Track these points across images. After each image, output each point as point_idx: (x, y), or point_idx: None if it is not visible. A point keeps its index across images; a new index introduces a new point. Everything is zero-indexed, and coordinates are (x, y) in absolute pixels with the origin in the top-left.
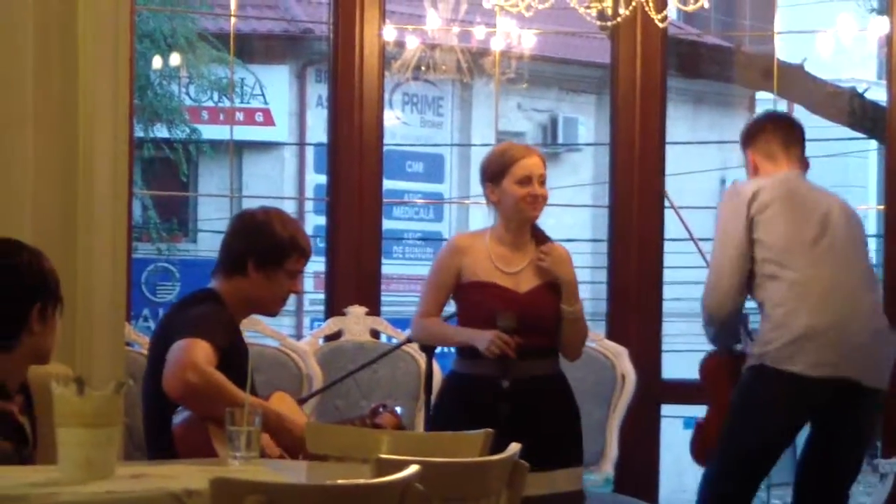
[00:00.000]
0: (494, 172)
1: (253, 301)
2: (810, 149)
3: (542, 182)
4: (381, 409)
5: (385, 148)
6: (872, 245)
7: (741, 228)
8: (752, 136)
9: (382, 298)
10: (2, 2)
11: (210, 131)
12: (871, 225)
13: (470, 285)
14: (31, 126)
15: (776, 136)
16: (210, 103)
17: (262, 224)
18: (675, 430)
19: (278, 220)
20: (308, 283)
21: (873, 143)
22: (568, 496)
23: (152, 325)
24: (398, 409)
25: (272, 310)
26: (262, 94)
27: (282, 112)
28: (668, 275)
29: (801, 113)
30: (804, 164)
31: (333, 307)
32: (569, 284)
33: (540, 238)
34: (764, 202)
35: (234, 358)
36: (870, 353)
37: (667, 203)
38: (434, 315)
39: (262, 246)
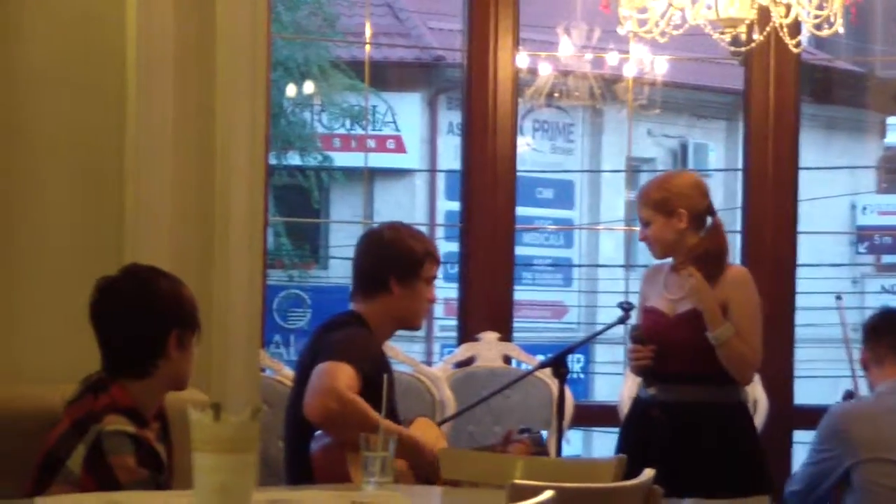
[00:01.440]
0: None
1: (398, 317)
2: None
3: (646, 223)
4: (514, 437)
5: (517, 174)
6: None
7: None
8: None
9: (514, 324)
10: (142, 33)
11: (342, 158)
12: None
13: (643, 310)
14: (169, 153)
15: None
16: (342, 131)
17: (395, 239)
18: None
19: (406, 232)
20: (438, 310)
21: None
22: None
23: (284, 351)
24: (544, 434)
25: (417, 322)
26: (394, 122)
27: (413, 139)
28: (800, 300)
29: None
30: None
31: (465, 333)
32: (705, 312)
33: (706, 259)
34: None
35: (378, 381)
36: None
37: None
38: None
39: (401, 260)
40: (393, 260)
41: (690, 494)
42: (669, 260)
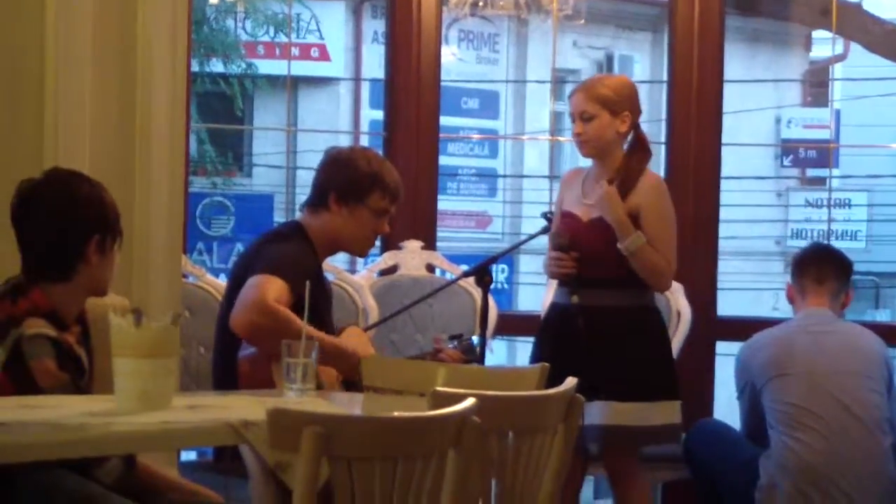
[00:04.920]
0: None
1: (337, 238)
2: (869, 87)
3: (585, 119)
4: (444, 346)
5: (441, 84)
6: None
7: None
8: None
9: (438, 234)
10: None
11: (265, 66)
12: None
13: (561, 215)
14: (89, 60)
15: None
16: (266, 38)
17: (347, 159)
18: (729, 367)
19: (364, 156)
20: None
21: None
22: (661, 430)
23: (207, 258)
24: (474, 340)
25: (356, 249)
26: (318, 30)
27: (337, 47)
28: (724, 213)
29: (858, 51)
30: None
31: (389, 242)
32: (613, 223)
33: (626, 166)
34: None
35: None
36: None
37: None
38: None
39: (345, 180)
40: (338, 178)
41: (605, 398)
42: (589, 163)
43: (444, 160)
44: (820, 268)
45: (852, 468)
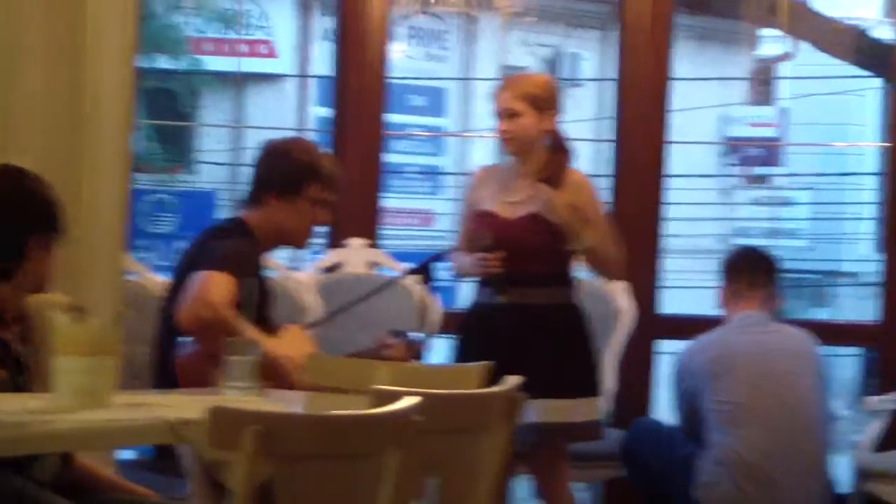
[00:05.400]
0: None
1: (278, 231)
2: (815, 85)
3: (511, 116)
4: (388, 341)
5: (389, 81)
6: (870, 183)
7: None
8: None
9: (382, 232)
10: None
11: (214, 63)
12: (871, 163)
13: (475, 214)
14: (38, 55)
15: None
16: (214, 35)
17: (283, 152)
18: (669, 365)
19: (300, 147)
20: None
21: (875, 82)
22: (582, 426)
23: (150, 255)
24: (418, 337)
25: (298, 241)
26: (267, 27)
27: (286, 44)
28: (667, 211)
29: (805, 50)
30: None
31: (333, 239)
32: (567, 224)
33: (552, 165)
34: None
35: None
36: None
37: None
38: (465, 248)
39: (282, 173)
40: (275, 171)
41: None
42: (505, 162)
43: (389, 157)
44: (753, 272)
45: (792, 464)
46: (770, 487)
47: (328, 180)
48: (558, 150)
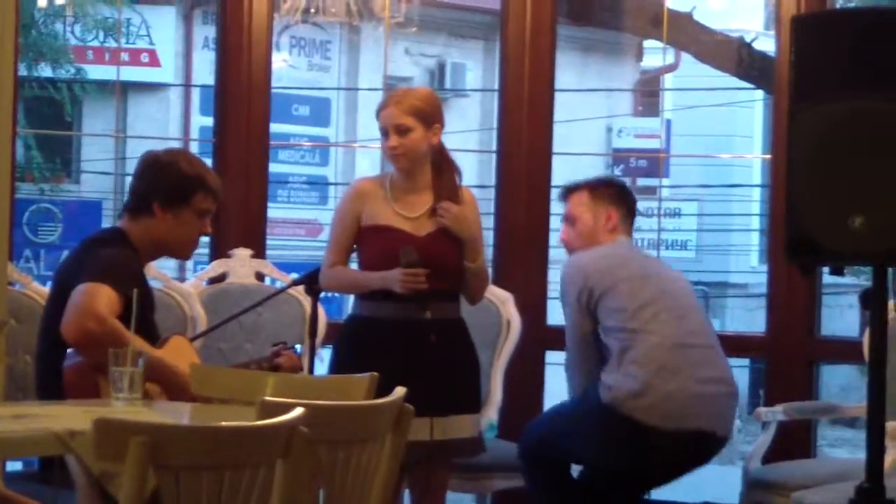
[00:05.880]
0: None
1: (162, 243)
2: (699, 97)
3: (401, 131)
4: (282, 350)
5: (272, 91)
6: (756, 195)
7: None
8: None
9: (268, 242)
10: None
11: (95, 72)
12: (756, 174)
13: (370, 229)
14: None
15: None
16: (96, 43)
17: (168, 163)
18: (559, 377)
19: (184, 158)
20: None
21: (759, 94)
22: (468, 442)
23: (34, 265)
24: (298, 348)
25: (183, 252)
26: (149, 35)
27: (168, 53)
28: (554, 222)
29: (689, 61)
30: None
31: (218, 250)
32: (470, 241)
33: (446, 180)
34: None
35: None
36: None
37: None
38: (340, 263)
39: (168, 184)
40: (161, 183)
41: (440, 413)
42: (383, 175)
43: (274, 168)
44: (631, 205)
45: (702, 356)
46: (686, 379)
47: (213, 190)
48: (446, 166)
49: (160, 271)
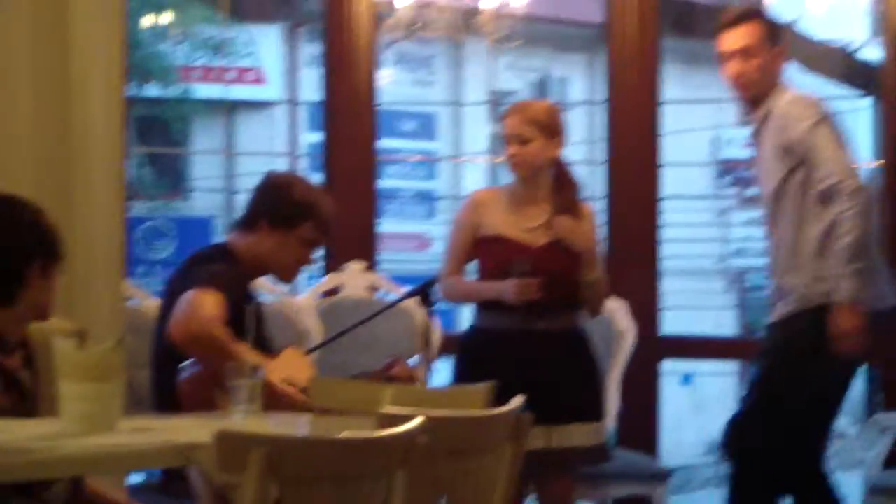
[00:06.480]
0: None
1: (263, 261)
2: None
3: (522, 141)
4: (397, 362)
5: (378, 107)
6: None
7: None
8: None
9: (379, 256)
10: None
11: (202, 90)
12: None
13: (487, 239)
14: (26, 86)
15: None
16: (202, 62)
17: (284, 185)
18: (673, 385)
19: (302, 184)
20: None
21: (865, 101)
22: (588, 450)
23: (149, 281)
24: (411, 361)
25: (282, 275)
26: (255, 53)
27: (274, 71)
28: (664, 232)
29: (793, 70)
30: None
31: (331, 264)
32: (586, 253)
33: (565, 194)
34: None
35: (245, 312)
36: None
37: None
38: (456, 273)
39: (279, 205)
40: (273, 202)
41: (556, 422)
42: (502, 187)
43: (382, 182)
44: None
45: None
46: None
47: (323, 223)
48: (566, 180)
49: (274, 286)
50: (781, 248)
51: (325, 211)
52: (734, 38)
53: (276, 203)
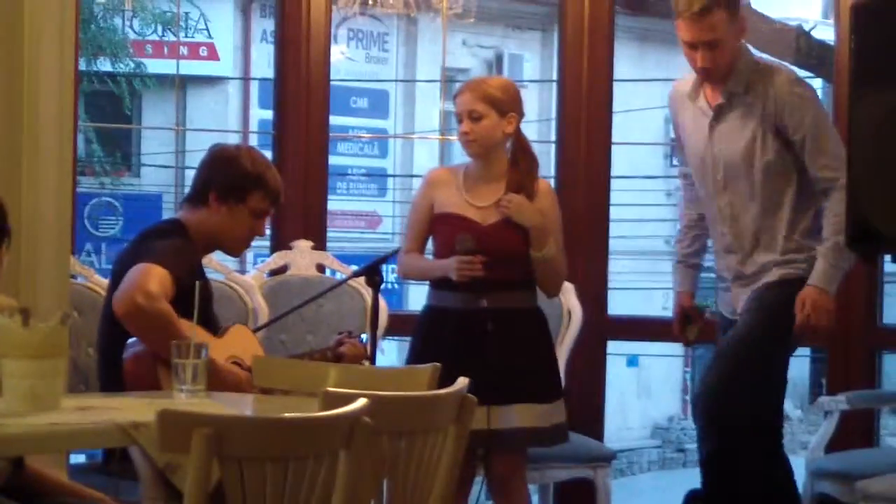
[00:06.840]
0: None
1: (214, 236)
2: None
3: (474, 118)
4: (346, 339)
5: (331, 83)
6: None
7: None
8: None
9: (328, 234)
10: None
11: (154, 65)
12: None
13: (439, 217)
14: None
15: None
16: (154, 37)
17: (231, 157)
18: (619, 367)
19: (249, 155)
20: None
21: (818, 82)
22: (529, 431)
23: (95, 258)
24: (363, 338)
25: (233, 248)
26: (207, 29)
27: (226, 47)
28: (613, 212)
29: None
30: None
31: (279, 242)
32: (534, 230)
33: (520, 171)
34: None
35: (193, 289)
36: None
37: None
38: (415, 251)
39: (227, 177)
40: (220, 175)
41: (498, 402)
42: (458, 165)
43: (333, 160)
44: None
45: None
46: None
47: (272, 193)
48: (522, 157)
49: (221, 263)
50: (751, 226)
51: (273, 180)
52: (700, 30)
53: (224, 176)
